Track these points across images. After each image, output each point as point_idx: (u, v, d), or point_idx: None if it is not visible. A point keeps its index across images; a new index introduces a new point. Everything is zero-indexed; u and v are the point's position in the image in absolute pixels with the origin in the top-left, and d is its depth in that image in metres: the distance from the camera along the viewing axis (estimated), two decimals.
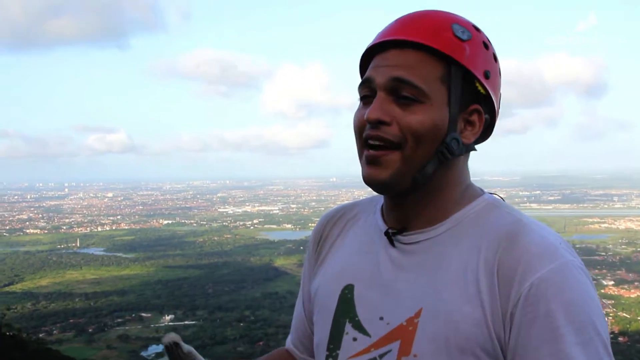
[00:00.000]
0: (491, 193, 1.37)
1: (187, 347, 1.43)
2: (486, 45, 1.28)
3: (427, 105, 1.21)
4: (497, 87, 1.31)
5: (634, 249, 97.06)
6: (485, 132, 1.35)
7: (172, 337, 1.42)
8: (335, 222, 1.51)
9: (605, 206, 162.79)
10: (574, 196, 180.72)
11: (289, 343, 1.65)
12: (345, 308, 1.34)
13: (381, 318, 1.26)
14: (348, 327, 1.32)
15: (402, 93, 1.21)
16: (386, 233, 1.33)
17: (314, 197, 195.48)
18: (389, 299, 1.27)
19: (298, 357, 1.60)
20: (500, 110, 1.38)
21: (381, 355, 1.24)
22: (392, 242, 1.32)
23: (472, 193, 1.33)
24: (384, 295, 1.28)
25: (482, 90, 1.26)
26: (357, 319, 1.31)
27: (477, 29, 1.29)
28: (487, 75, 1.26)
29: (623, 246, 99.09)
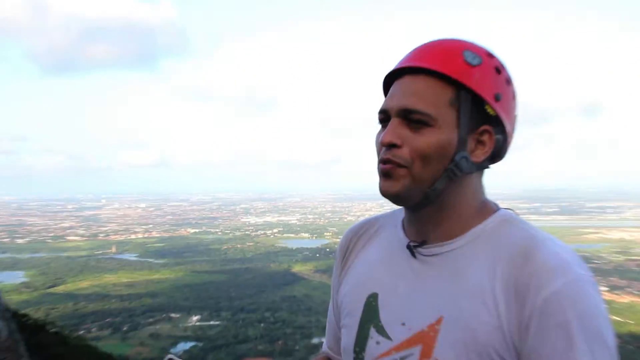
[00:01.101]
0: (506, 209, 1.36)
1: None
2: (498, 69, 1.28)
3: (435, 128, 1.23)
4: (510, 109, 1.31)
5: (626, 257, 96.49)
6: (500, 151, 1.33)
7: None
8: (360, 235, 1.52)
9: (600, 218, 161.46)
10: (571, 208, 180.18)
11: (325, 347, 1.68)
12: (370, 314, 1.36)
13: (403, 324, 1.28)
14: (372, 331, 1.34)
15: (412, 117, 1.24)
16: (408, 246, 1.34)
17: (329, 209, 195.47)
18: (410, 306, 1.29)
19: (335, 359, 1.62)
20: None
21: (402, 358, 1.26)
22: (413, 254, 1.33)
23: (487, 209, 1.34)
24: (405, 303, 1.30)
25: (491, 112, 1.26)
26: (380, 324, 1.33)
27: (490, 55, 1.30)
28: (497, 98, 1.26)
29: (616, 254, 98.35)
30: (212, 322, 67.36)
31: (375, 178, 1.32)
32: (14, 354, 1.90)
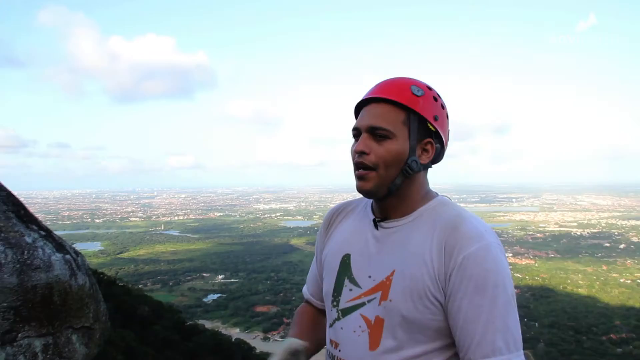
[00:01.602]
0: (443, 195, 1.41)
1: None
2: (435, 98, 1.32)
3: (393, 140, 1.27)
4: (445, 126, 1.35)
5: (525, 232, 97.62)
6: (438, 156, 1.37)
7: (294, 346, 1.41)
8: (340, 212, 1.56)
9: (507, 205, 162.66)
10: (487, 199, 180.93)
11: (306, 292, 1.69)
12: (345, 269, 1.38)
13: (369, 276, 1.31)
14: (346, 282, 1.36)
15: (377, 133, 1.28)
16: (373, 220, 1.38)
17: (317, 199, 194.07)
18: (374, 263, 1.32)
19: (315, 303, 1.64)
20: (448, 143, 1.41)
21: (369, 300, 1.29)
22: (376, 227, 1.37)
23: (430, 195, 1.37)
24: (370, 261, 1.33)
25: (432, 129, 1.31)
26: (352, 276, 1.35)
27: (430, 88, 1.34)
28: (435, 119, 1.31)
29: (518, 231, 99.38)
30: (232, 280, 67.44)
31: (350, 176, 1.35)
32: (95, 300, 2.23)
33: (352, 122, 1.41)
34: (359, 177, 1.32)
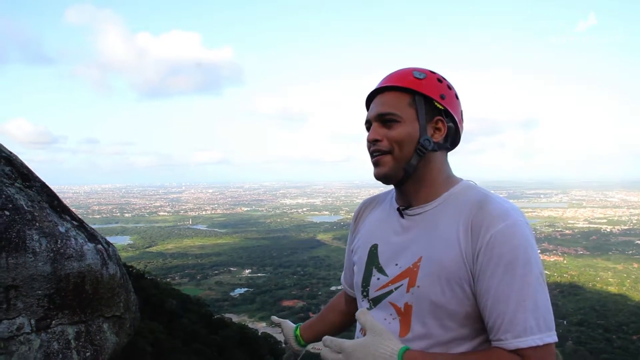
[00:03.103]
0: (469, 180, 1.40)
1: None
2: (440, 80, 1.34)
3: (402, 122, 1.29)
4: (454, 105, 1.35)
5: (553, 229, 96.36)
6: (454, 137, 1.38)
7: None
8: (367, 205, 1.59)
9: (535, 201, 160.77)
10: (515, 194, 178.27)
11: (343, 282, 1.74)
12: (372, 259, 1.40)
13: (396, 264, 1.32)
14: (374, 271, 1.37)
15: (385, 118, 1.30)
16: (398, 209, 1.38)
17: (343, 194, 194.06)
18: (400, 251, 1.32)
19: (350, 293, 1.69)
20: (464, 137, 1.42)
21: (396, 288, 1.30)
22: (402, 215, 1.37)
23: (454, 180, 1.37)
24: (396, 250, 1.34)
25: (440, 107, 1.31)
26: (379, 265, 1.36)
27: (432, 72, 1.36)
28: (442, 97, 1.31)
29: (546, 227, 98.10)
30: (259, 274, 67.91)
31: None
32: (125, 290, 2.27)
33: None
34: (374, 163, 1.33)
